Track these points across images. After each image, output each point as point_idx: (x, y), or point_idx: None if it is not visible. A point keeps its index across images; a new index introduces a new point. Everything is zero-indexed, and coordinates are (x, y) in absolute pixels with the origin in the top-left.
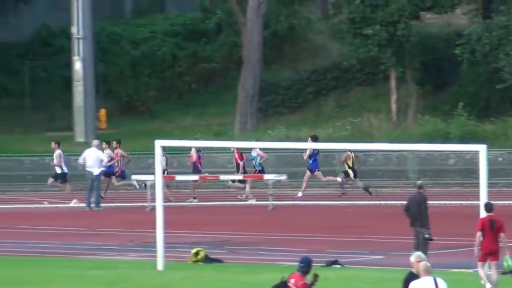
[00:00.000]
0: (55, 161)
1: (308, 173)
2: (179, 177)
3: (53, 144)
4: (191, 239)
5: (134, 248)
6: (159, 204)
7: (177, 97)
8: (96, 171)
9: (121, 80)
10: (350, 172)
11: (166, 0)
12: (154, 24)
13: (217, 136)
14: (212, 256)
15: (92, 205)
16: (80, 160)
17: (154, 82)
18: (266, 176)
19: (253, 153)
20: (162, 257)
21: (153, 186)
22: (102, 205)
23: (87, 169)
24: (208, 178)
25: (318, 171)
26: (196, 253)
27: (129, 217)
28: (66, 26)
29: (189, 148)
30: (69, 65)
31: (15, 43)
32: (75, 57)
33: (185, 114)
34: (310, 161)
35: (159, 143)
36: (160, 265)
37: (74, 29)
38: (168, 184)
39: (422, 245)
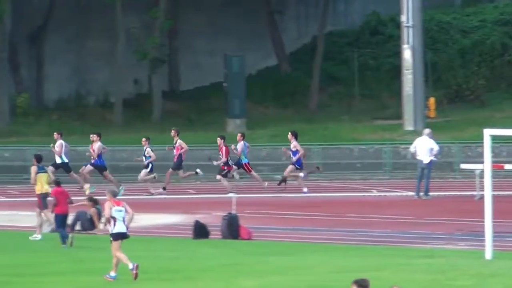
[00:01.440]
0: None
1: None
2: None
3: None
4: None
5: (462, 237)
6: (487, 193)
7: (506, 86)
8: (427, 159)
9: (450, 69)
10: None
11: None
12: (483, 13)
13: None
14: None
15: (421, 193)
16: (411, 149)
17: (483, 71)
18: None
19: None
20: (490, 246)
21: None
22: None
23: (417, 157)
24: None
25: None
26: None
27: (457, 206)
28: (395, 14)
29: None
30: (397, 53)
31: (345, 31)
32: (405, 46)
33: None
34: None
35: (488, 132)
36: (488, 254)
37: (403, 18)
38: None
39: None
